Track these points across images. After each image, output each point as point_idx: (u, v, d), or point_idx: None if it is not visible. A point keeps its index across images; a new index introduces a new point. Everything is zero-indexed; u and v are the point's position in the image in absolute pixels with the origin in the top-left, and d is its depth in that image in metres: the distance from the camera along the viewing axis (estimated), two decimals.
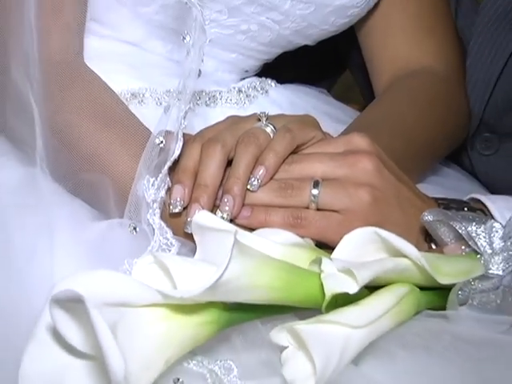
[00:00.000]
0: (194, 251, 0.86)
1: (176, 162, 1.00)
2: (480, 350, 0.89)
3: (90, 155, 1.06)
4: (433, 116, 1.35)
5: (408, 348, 0.87)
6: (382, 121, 1.28)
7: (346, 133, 1.18)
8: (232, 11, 1.24)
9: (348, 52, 1.52)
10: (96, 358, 0.71)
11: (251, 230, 0.95)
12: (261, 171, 0.97)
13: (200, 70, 1.09)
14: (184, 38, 1.03)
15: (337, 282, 0.80)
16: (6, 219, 1.02)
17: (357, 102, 1.76)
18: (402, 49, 1.42)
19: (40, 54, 1.10)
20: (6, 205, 1.04)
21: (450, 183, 1.38)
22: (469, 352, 0.89)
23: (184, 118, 1.01)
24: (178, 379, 0.79)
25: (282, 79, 1.43)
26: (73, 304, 0.68)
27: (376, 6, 1.38)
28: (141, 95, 1.24)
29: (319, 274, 0.82)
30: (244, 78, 1.39)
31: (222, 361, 0.82)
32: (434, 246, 1.01)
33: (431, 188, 1.27)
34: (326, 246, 0.96)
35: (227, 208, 0.96)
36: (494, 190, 1.40)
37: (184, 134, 1.00)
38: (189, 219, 0.95)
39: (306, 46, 1.39)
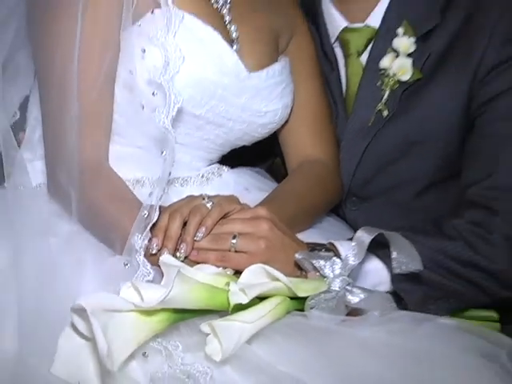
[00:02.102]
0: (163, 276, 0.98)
1: (155, 224, 1.08)
2: (322, 335, 1.00)
3: (109, 221, 1.15)
4: (318, 192, 1.40)
5: (281, 334, 0.98)
6: (284, 194, 1.35)
7: (258, 204, 1.24)
8: (198, 129, 1.30)
9: (274, 145, 1.53)
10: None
11: (197, 263, 1.07)
12: (203, 229, 1.08)
13: (173, 164, 1.16)
14: (162, 152, 1.13)
15: (237, 296, 0.95)
16: (59, 255, 1.10)
17: None
18: (304, 146, 1.46)
19: (80, 154, 1.17)
20: (60, 247, 1.12)
21: (328, 226, 1.41)
22: (315, 336, 1.00)
23: (160, 198, 1.10)
24: (145, 353, 0.92)
25: (234, 163, 1.45)
26: (83, 312, 0.85)
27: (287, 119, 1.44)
28: (141, 181, 1.27)
29: (228, 291, 0.95)
30: (210, 164, 1.41)
31: (172, 341, 0.93)
32: (304, 273, 1.10)
33: (314, 230, 1.35)
34: (240, 272, 1.04)
35: (183, 251, 1.07)
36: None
37: (160, 206, 1.09)
38: (161, 259, 0.99)
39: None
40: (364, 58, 1.46)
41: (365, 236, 1.11)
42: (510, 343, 1.09)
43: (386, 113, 1.41)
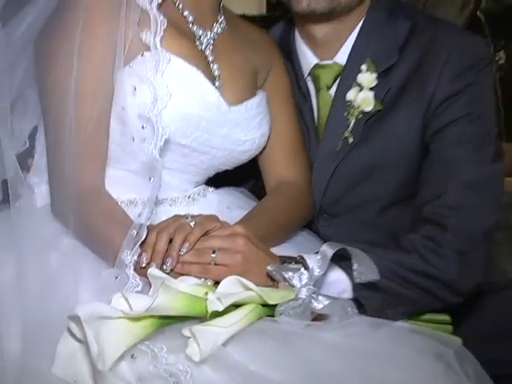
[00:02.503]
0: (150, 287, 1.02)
1: (144, 240, 1.11)
2: (290, 338, 1.04)
3: (103, 239, 1.17)
4: (292, 210, 1.42)
5: (253, 337, 1.01)
6: (260, 213, 1.37)
7: (236, 222, 1.27)
8: (184, 156, 1.32)
9: (255, 168, 1.53)
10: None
11: (182, 274, 1.10)
12: (186, 245, 1.11)
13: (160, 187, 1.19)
14: (150, 178, 1.15)
15: (214, 304, 0.99)
16: (64, 264, 1.13)
17: None
18: (280, 169, 1.48)
19: (79, 181, 1.19)
20: (60, 262, 1.14)
21: (302, 241, 1.42)
22: (283, 339, 1.03)
23: (148, 218, 1.13)
24: (133, 355, 0.94)
25: (219, 184, 1.47)
26: (78, 319, 0.90)
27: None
28: (134, 202, 1.28)
29: (206, 300, 0.99)
30: (196, 186, 1.42)
31: (158, 344, 0.96)
32: (275, 283, 1.13)
33: (289, 245, 1.37)
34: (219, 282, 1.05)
35: (169, 264, 1.10)
36: None
37: (148, 225, 1.12)
38: (149, 271, 1.03)
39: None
40: (333, 91, 1.48)
41: (328, 250, 1.12)
42: (458, 343, 1.13)
43: (351, 140, 1.43)
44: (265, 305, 1.06)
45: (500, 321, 1.52)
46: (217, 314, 0.99)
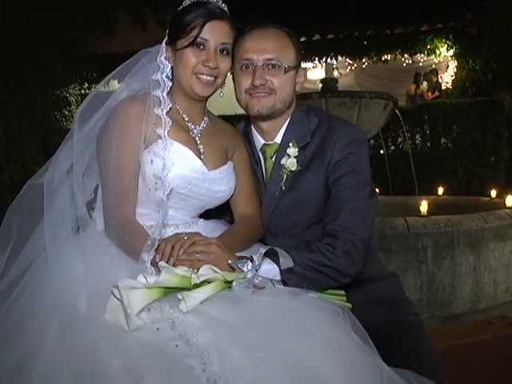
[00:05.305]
0: None
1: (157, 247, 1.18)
2: (241, 299, 1.09)
3: (133, 247, 1.21)
4: (249, 232, 1.45)
5: (219, 299, 1.08)
6: (228, 234, 1.39)
7: (214, 238, 1.28)
8: (182, 200, 1.37)
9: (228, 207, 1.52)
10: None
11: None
12: (181, 250, 1.18)
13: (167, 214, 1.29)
14: (159, 211, 1.26)
15: (195, 280, 1.10)
16: (109, 265, 1.19)
17: None
18: (242, 207, 1.52)
19: (121, 213, 1.26)
20: (110, 261, 1.21)
21: (256, 249, 1.36)
22: (237, 300, 1.09)
23: (158, 235, 1.21)
24: (148, 309, 1.02)
25: (208, 217, 1.49)
26: (118, 288, 1.00)
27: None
28: (153, 227, 1.27)
29: (191, 278, 1.10)
30: (192, 217, 1.44)
31: (163, 303, 1.05)
32: (233, 270, 1.18)
33: (248, 251, 1.35)
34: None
35: (171, 260, 1.16)
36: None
37: (159, 239, 1.21)
38: (160, 263, 1.13)
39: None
40: (273, 159, 1.52)
41: (261, 250, 1.26)
42: (348, 307, 1.22)
43: (284, 188, 1.48)
44: (226, 282, 1.15)
45: (373, 295, 1.53)
46: (197, 286, 1.11)
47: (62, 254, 1.18)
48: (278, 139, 1.53)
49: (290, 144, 1.49)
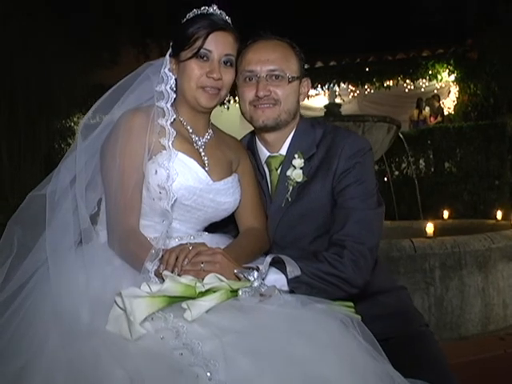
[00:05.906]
0: None
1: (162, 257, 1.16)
2: (247, 308, 1.06)
3: (137, 258, 1.19)
4: (255, 244, 1.42)
5: (224, 308, 1.06)
6: (234, 246, 1.37)
7: (222, 248, 1.26)
8: (187, 212, 1.36)
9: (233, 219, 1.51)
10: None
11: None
12: (186, 260, 1.17)
13: (172, 226, 1.27)
14: (163, 221, 1.24)
15: (200, 289, 1.09)
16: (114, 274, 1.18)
17: None
18: (247, 220, 1.50)
19: (124, 224, 1.25)
20: (112, 271, 1.20)
21: (262, 261, 1.29)
22: (243, 309, 1.06)
23: (162, 245, 1.20)
24: (152, 318, 1.00)
25: (213, 230, 1.48)
26: (121, 296, 0.98)
27: None
28: (157, 238, 1.25)
29: (196, 287, 1.09)
30: (197, 231, 1.42)
31: (168, 312, 1.02)
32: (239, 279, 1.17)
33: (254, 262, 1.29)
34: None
35: (176, 270, 1.15)
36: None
37: (163, 249, 1.19)
38: (164, 273, 1.12)
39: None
40: (279, 171, 1.52)
41: (268, 259, 1.23)
42: (357, 318, 1.16)
43: (290, 199, 1.47)
44: (232, 290, 1.13)
45: (382, 308, 1.50)
46: (202, 294, 1.09)
47: (63, 265, 1.17)
48: (283, 151, 1.53)
49: (296, 155, 1.50)
